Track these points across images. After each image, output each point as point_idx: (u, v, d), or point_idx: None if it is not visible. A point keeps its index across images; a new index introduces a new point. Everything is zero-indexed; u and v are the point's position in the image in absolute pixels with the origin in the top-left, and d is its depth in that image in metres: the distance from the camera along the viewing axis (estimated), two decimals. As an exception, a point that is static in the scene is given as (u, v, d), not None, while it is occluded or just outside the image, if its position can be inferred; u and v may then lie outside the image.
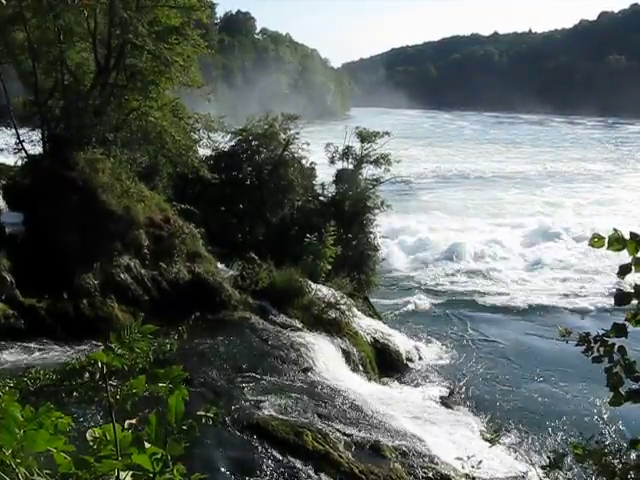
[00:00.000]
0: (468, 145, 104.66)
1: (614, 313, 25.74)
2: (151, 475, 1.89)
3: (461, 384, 22.81)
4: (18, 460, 2.05)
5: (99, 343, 17.58)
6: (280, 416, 15.12)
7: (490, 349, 26.48)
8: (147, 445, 1.90)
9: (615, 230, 3.47)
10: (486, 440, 16.18)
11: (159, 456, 1.88)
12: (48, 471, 2.25)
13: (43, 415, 1.96)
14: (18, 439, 1.95)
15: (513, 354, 25.95)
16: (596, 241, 3.46)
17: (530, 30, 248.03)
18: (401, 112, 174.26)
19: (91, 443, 2.10)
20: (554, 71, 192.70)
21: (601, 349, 4.36)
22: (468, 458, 7.08)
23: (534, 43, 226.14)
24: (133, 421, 2.14)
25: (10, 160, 23.82)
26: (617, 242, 3.43)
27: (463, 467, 8.15)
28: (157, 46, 22.16)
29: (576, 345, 4.67)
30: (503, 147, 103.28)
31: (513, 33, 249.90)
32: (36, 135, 23.38)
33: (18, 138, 22.95)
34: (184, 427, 1.95)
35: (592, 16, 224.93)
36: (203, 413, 2.14)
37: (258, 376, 17.07)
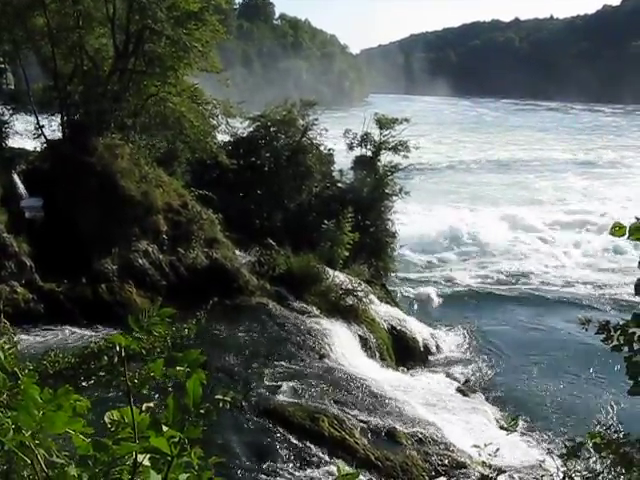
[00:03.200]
0: (494, 132, 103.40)
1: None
2: (169, 458, 1.90)
3: (478, 372, 22.75)
4: (37, 441, 2.06)
5: (117, 327, 17.74)
6: (296, 402, 15.18)
7: (508, 338, 26.32)
8: (165, 428, 1.91)
9: (637, 219, 3.41)
10: (503, 428, 16.15)
11: (177, 439, 1.88)
12: (66, 453, 2.27)
13: (62, 397, 1.97)
14: (37, 420, 1.96)
15: (531, 344, 25.79)
16: (617, 230, 3.41)
17: (552, 16, 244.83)
18: (420, 99, 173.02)
19: (109, 426, 2.11)
20: (576, 58, 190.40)
21: (621, 338, 4.32)
22: (485, 446, 7.05)
23: (555, 29, 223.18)
24: (151, 404, 2.14)
25: (30, 145, 23.98)
26: (638, 231, 3.37)
27: (480, 455, 8.12)
28: (176, 31, 22.16)
29: (596, 333, 4.63)
30: (531, 134, 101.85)
31: (534, 19, 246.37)
32: (55, 120, 23.51)
33: (37, 123, 23.10)
34: (202, 411, 1.95)
35: (616, 1, 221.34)
36: (221, 397, 2.14)
37: (275, 362, 17.15)
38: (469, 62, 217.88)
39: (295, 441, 13.84)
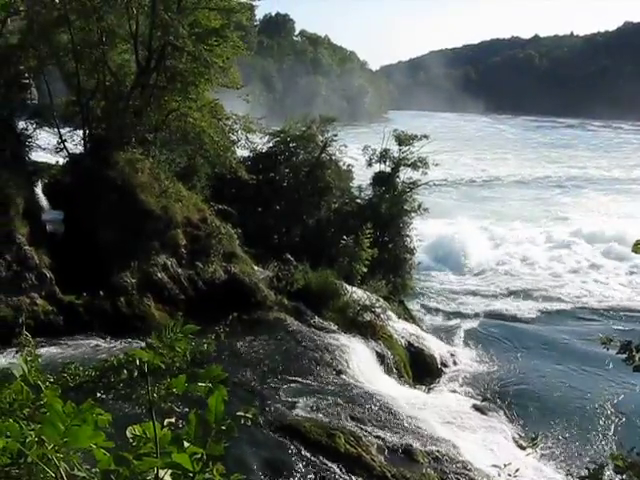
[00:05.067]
0: (515, 148, 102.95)
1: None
2: (191, 474, 1.90)
3: (495, 390, 22.54)
4: (60, 455, 2.07)
5: (136, 340, 17.83)
6: (313, 417, 15.13)
7: (527, 358, 26.03)
8: (186, 444, 1.91)
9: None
10: (522, 448, 15.98)
11: (199, 456, 1.88)
12: (87, 466, 2.28)
13: (86, 412, 1.98)
14: (62, 434, 1.98)
15: (550, 361, 25.53)
16: (639, 247, 3.39)
17: (572, 33, 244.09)
18: (439, 115, 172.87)
19: (131, 440, 2.12)
20: (596, 74, 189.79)
21: (643, 358, 4.28)
22: (505, 466, 6.97)
23: (576, 46, 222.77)
24: (172, 420, 2.15)
25: (52, 159, 24.24)
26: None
27: (499, 475, 8.02)
28: (197, 48, 22.34)
29: (617, 353, 4.59)
30: (560, 151, 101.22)
31: (554, 36, 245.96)
32: (77, 135, 23.76)
33: (60, 138, 23.34)
34: (223, 427, 1.95)
35: (637, 17, 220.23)
36: (242, 414, 2.14)
37: (292, 377, 17.11)
38: (488, 79, 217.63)
39: (311, 457, 13.77)
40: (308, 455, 13.80)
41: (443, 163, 30.78)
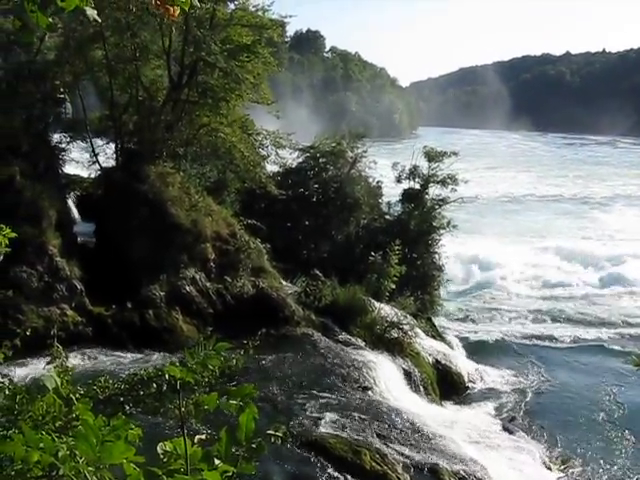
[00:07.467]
0: (553, 166, 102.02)
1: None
2: (221, 492, 1.90)
3: (523, 409, 22.25)
4: (92, 469, 2.09)
5: (163, 353, 17.94)
6: (339, 434, 15.05)
7: (557, 379, 25.64)
8: (217, 462, 1.92)
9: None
10: (549, 469, 15.73)
11: (230, 474, 1.89)
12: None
13: (120, 428, 2.00)
14: (95, 449, 1.99)
15: (580, 383, 25.14)
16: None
17: (604, 49, 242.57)
18: (468, 132, 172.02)
19: (161, 456, 2.13)
20: (628, 92, 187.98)
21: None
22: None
23: (608, 63, 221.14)
24: (203, 436, 2.16)
25: (85, 172, 24.59)
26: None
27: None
28: (229, 64, 22.58)
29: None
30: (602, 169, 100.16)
31: (586, 53, 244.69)
32: (110, 148, 24.10)
33: (93, 151, 23.70)
34: (253, 445, 1.95)
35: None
36: (272, 432, 2.15)
37: (318, 393, 17.06)
38: (519, 96, 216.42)
39: (336, 474, 13.68)
40: (333, 472, 13.72)
41: (489, 181, 30.55)
